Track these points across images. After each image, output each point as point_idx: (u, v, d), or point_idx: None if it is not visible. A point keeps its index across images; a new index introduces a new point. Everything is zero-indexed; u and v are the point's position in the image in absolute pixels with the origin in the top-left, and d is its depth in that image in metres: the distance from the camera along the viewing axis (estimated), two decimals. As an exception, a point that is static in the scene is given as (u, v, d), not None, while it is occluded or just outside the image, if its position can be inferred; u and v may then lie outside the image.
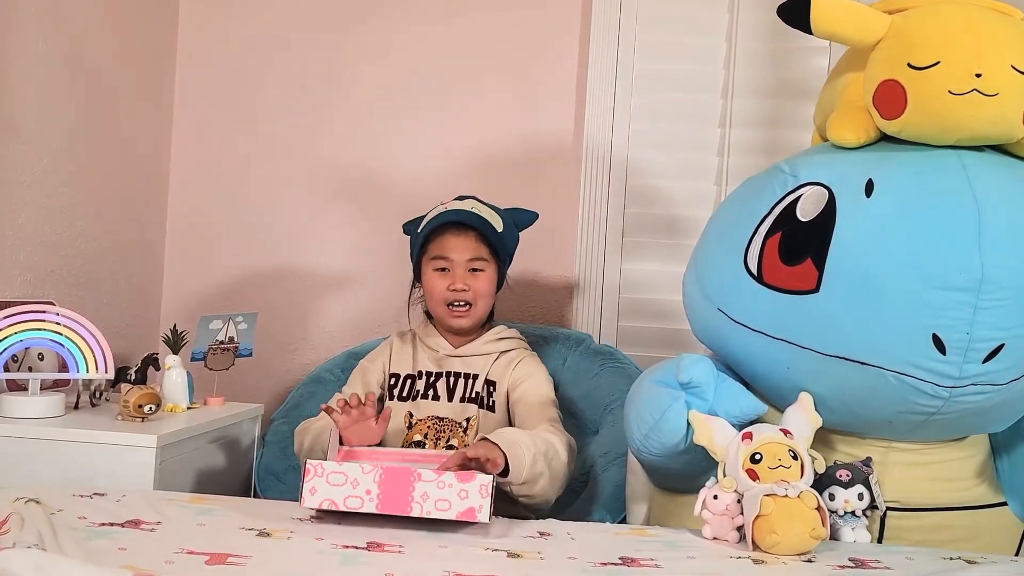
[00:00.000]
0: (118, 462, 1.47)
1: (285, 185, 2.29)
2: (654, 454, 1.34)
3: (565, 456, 1.46)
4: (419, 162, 2.24)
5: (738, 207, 1.38)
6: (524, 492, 1.38)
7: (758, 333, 1.30)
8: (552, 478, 1.42)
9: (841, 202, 1.23)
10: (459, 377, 1.67)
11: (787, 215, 1.27)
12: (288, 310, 2.28)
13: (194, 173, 2.32)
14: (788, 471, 1.21)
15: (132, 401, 1.55)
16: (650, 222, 2.19)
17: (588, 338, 2.05)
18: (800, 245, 1.25)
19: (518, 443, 1.36)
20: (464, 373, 1.67)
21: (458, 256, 1.64)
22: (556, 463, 1.43)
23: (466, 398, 1.66)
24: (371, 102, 2.26)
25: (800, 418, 1.27)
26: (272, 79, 2.29)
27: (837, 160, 1.29)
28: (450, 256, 1.65)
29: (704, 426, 1.26)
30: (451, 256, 1.65)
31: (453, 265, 1.65)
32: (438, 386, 1.66)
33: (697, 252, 1.45)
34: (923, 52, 1.19)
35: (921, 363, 1.18)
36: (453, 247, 1.64)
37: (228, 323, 1.83)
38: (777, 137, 2.16)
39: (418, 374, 1.68)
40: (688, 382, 1.28)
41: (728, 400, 1.29)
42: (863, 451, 1.34)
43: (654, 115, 2.19)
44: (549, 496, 1.44)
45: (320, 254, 2.28)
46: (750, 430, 1.25)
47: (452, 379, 1.68)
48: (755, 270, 1.29)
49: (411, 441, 1.62)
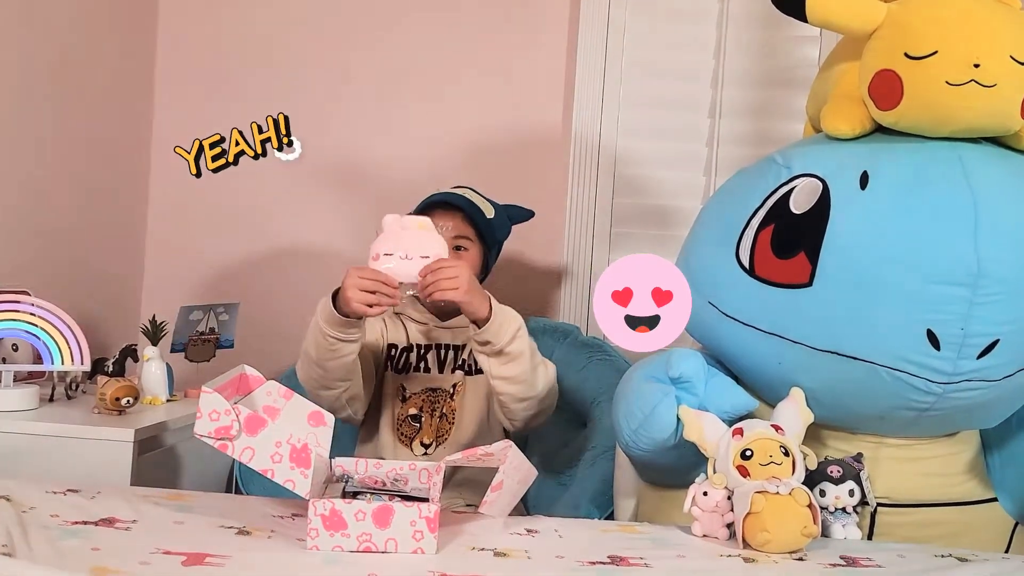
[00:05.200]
0: (94, 457, 1.44)
1: (269, 174, 2.24)
2: (643, 449, 1.31)
3: (552, 371, 1.53)
4: (405, 151, 2.21)
5: (730, 199, 1.36)
6: (501, 372, 1.43)
7: (749, 327, 1.28)
8: (532, 370, 1.46)
9: (835, 194, 1.21)
10: (448, 349, 1.69)
11: (780, 207, 1.25)
12: (271, 300, 2.24)
13: (176, 160, 2.26)
14: (779, 468, 1.19)
15: (109, 394, 1.51)
16: (639, 212, 2.17)
17: (576, 330, 2.03)
18: (793, 238, 1.22)
19: (508, 313, 1.42)
20: (452, 344, 1.69)
21: (443, 233, 1.61)
22: (540, 363, 1.49)
23: (455, 368, 1.68)
24: (356, 92, 2.23)
25: (792, 414, 1.25)
26: (256, 67, 2.24)
27: (831, 151, 1.27)
28: None
29: (694, 422, 1.24)
30: None
31: None
32: (428, 358, 1.67)
33: (687, 244, 1.43)
34: (920, 41, 1.17)
35: (915, 358, 1.16)
36: (439, 225, 1.63)
37: (209, 314, 1.79)
38: (767, 127, 2.13)
39: (410, 346, 1.70)
40: (678, 377, 1.26)
41: (719, 395, 1.27)
42: (854, 446, 1.32)
43: (643, 104, 2.16)
44: (523, 390, 1.48)
45: (305, 243, 2.25)
46: (741, 426, 1.22)
47: (442, 351, 1.69)
48: (747, 263, 1.27)
49: (407, 415, 1.63)
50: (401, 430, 1.65)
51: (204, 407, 1.06)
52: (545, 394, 1.54)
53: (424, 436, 1.64)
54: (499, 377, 1.46)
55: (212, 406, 1.06)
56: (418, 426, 1.64)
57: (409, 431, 1.65)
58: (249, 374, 1.31)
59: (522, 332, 1.45)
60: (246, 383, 1.31)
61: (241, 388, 1.31)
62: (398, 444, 1.64)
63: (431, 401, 1.65)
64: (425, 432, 1.64)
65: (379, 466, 1.29)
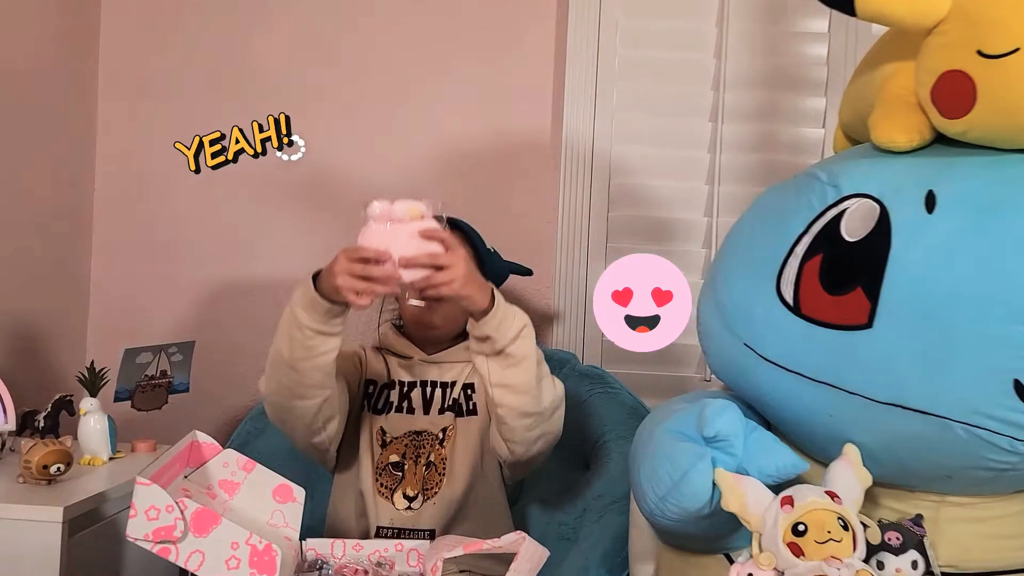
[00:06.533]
0: (15, 541, 1.20)
1: (225, 190, 2.03)
2: (671, 519, 1.12)
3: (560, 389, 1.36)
4: (377, 162, 2.01)
5: (765, 223, 1.17)
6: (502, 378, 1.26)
7: (794, 374, 1.10)
8: (538, 381, 1.29)
9: (896, 219, 1.02)
10: (435, 387, 1.52)
11: (829, 234, 1.06)
12: (232, 332, 2.02)
13: (121, 180, 2.05)
14: (839, 545, 1.00)
15: (35, 461, 1.28)
16: (636, 225, 2.00)
17: (572, 358, 1.84)
18: (847, 270, 1.04)
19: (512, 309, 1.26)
20: (440, 382, 1.52)
21: None
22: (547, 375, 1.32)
23: (444, 408, 1.50)
24: (323, 94, 2.02)
25: (848, 476, 1.06)
26: (207, 68, 2.03)
27: (886, 167, 1.08)
28: None
29: (734, 489, 1.05)
30: None
31: None
32: (412, 397, 1.50)
33: (715, 276, 1.23)
34: (998, 37, 0.98)
35: (996, 413, 0.98)
36: None
37: (159, 355, 1.57)
38: (774, 131, 1.99)
39: (391, 383, 1.52)
40: (714, 436, 1.06)
41: (761, 455, 1.08)
42: (911, 506, 1.14)
43: (639, 107, 2.00)
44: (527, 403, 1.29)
45: (268, 266, 2.03)
46: (790, 493, 1.04)
47: (428, 389, 1.52)
48: (791, 299, 1.08)
49: (387, 463, 1.44)
50: (381, 480, 1.46)
51: (139, 503, 0.86)
52: (551, 414, 1.35)
53: (407, 487, 1.45)
54: (499, 385, 1.28)
55: (149, 501, 0.86)
56: (400, 475, 1.45)
57: (390, 481, 1.46)
58: (202, 441, 1.11)
59: (528, 333, 1.27)
60: (198, 452, 1.11)
61: (193, 459, 1.11)
62: (378, 497, 1.45)
63: (415, 446, 1.47)
64: (408, 483, 1.45)
65: (360, 548, 1.10)
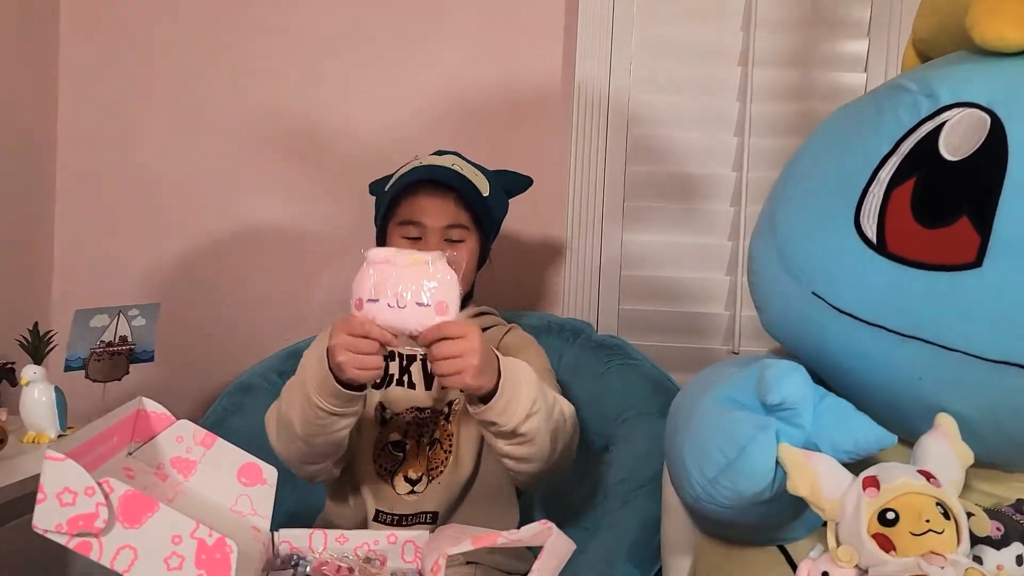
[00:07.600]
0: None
1: (202, 144, 1.84)
2: (721, 505, 0.92)
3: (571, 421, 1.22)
4: (374, 114, 1.83)
5: (837, 146, 0.96)
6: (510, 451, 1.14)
7: (875, 327, 0.89)
8: (549, 443, 1.16)
9: (1013, 131, 0.82)
10: None
11: (924, 152, 0.86)
12: (206, 298, 1.83)
13: (85, 134, 1.86)
14: (940, 538, 0.80)
15: (-37, 437, 1.08)
16: (657, 181, 1.82)
17: (587, 327, 1.65)
18: (949, 196, 0.84)
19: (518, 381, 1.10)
20: None
21: (433, 222, 1.32)
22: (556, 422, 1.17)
23: None
24: (317, 42, 1.84)
25: (944, 453, 0.86)
26: (185, 15, 1.83)
27: (996, 71, 0.88)
28: (423, 221, 1.32)
29: (803, 468, 0.85)
30: (424, 221, 1.32)
31: (426, 232, 1.33)
32: (412, 371, 1.35)
33: (774, 214, 1.02)
34: None
35: None
36: (427, 210, 1.32)
37: (118, 318, 1.37)
38: (809, 77, 1.80)
39: (389, 354, 1.34)
40: (780, 403, 0.86)
41: (835, 427, 0.88)
42: (1010, 490, 0.95)
43: (660, 51, 1.81)
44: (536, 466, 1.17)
45: (250, 227, 1.84)
46: (874, 473, 0.84)
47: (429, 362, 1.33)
48: (873, 236, 0.88)
49: (387, 441, 1.32)
50: (380, 461, 1.31)
51: (49, 484, 0.65)
52: (561, 452, 1.20)
53: (410, 470, 1.29)
54: (507, 456, 1.16)
55: (62, 482, 0.65)
56: (401, 455, 1.30)
57: (390, 463, 1.31)
58: (149, 410, 0.90)
59: (538, 405, 1.12)
60: (145, 423, 0.90)
61: (139, 432, 0.90)
62: (377, 479, 1.30)
63: (417, 424, 1.32)
64: (411, 464, 1.30)
65: (344, 540, 0.91)
